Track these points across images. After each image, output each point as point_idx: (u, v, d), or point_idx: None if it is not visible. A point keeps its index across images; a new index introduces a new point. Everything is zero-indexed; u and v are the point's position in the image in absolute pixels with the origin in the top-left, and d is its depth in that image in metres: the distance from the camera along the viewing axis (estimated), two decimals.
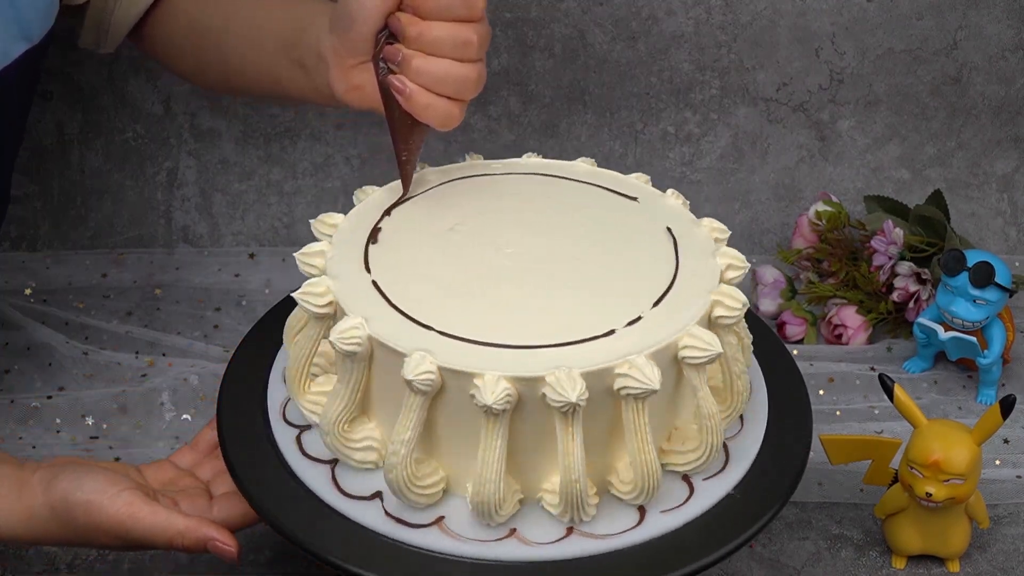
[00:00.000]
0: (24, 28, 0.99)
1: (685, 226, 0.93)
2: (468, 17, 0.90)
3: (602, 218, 0.94)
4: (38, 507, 0.88)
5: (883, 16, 1.37)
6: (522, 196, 0.97)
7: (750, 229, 1.40)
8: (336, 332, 0.83)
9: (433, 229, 0.92)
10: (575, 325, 0.83)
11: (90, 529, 0.88)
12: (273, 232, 1.40)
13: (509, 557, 0.82)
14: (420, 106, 0.90)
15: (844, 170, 1.41)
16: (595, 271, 0.89)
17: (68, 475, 0.88)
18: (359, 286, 0.87)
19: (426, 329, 0.83)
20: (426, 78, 0.90)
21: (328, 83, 0.95)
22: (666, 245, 0.91)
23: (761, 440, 0.91)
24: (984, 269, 1.12)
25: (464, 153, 1.03)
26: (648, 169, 1.40)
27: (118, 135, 1.39)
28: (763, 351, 0.96)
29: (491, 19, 1.36)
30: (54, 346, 1.21)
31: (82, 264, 1.35)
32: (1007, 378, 1.21)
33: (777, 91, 1.39)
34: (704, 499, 0.86)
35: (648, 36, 1.37)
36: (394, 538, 0.83)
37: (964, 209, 1.39)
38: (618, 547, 0.83)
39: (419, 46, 0.89)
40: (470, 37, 0.90)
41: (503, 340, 0.82)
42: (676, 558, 0.83)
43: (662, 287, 0.87)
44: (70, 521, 0.88)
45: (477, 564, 0.82)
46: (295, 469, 0.88)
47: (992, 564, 1.03)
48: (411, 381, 0.80)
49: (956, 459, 0.96)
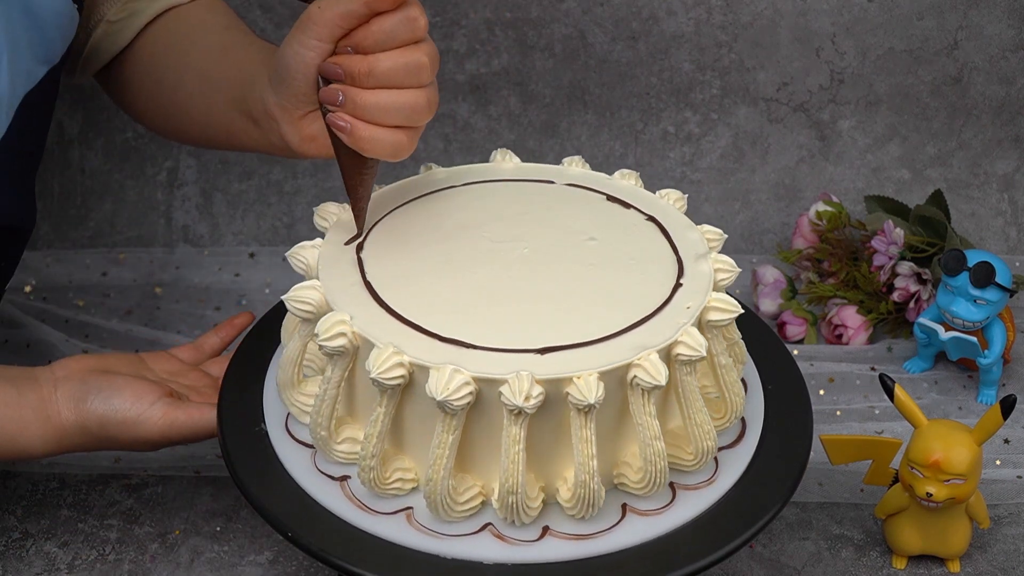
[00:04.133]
0: (47, 49, 1.00)
1: (681, 231, 0.92)
2: (413, 39, 0.86)
3: (598, 224, 0.93)
4: (70, 427, 0.93)
5: (884, 16, 1.37)
6: (518, 202, 0.96)
7: (750, 229, 1.40)
8: (321, 329, 0.83)
9: (427, 231, 0.92)
10: (546, 331, 0.83)
11: (128, 442, 0.94)
12: (273, 232, 1.40)
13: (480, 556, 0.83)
14: (364, 140, 0.87)
15: (844, 170, 1.41)
16: (585, 279, 0.88)
17: (97, 394, 0.93)
18: (348, 285, 0.87)
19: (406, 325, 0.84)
20: (373, 111, 0.86)
21: (281, 136, 0.93)
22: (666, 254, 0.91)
23: (761, 440, 0.91)
24: (984, 269, 1.12)
25: (464, 153, 1.03)
26: (648, 169, 1.40)
27: (118, 135, 1.39)
28: (763, 351, 0.96)
29: (491, 19, 1.37)
30: (54, 344, 1.21)
31: (82, 263, 1.35)
32: (1007, 378, 1.21)
33: (777, 91, 1.39)
34: (705, 498, 0.86)
35: (648, 36, 1.37)
36: (391, 539, 0.83)
37: (964, 209, 1.39)
38: (618, 547, 0.83)
39: (372, 82, 0.86)
40: (420, 60, 0.86)
41: (471, 340, 0.82)
42: (676, 558, 0.83)
43: (655, 304, 0.86)
44: (107, 437, 0.94)
45: None
46: (291, 470, 0.88)
47: (992, 564, 1.03)
48: (375, 379, 0.80)
49: (956, 459, 0.96)
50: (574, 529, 0.84)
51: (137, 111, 1.11)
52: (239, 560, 1.02)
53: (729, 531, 0.84)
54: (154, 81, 1.06)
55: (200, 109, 1.02)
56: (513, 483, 0.81)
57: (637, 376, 0.81)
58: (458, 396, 0.79)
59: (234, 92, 0.98)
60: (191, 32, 1.05)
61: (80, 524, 1.04)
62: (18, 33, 0.96)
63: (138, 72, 1.08)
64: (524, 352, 0.81)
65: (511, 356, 0.81)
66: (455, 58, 1.38)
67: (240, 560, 1.02)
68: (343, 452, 0.87)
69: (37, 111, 1.01)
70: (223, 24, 1.06)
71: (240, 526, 1.04)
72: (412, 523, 0.84)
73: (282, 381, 0.90)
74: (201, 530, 1.04)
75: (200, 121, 1.03)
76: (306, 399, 0.89)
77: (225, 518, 1.05)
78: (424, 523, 0.84)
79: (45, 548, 1.02)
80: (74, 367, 0.95)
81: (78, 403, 0.93)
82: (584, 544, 0.83)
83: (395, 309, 0.85)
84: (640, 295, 0.86)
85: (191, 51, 1.04)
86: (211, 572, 1.01)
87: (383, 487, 0.84)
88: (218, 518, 1.05)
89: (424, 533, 0.83)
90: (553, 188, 0.97)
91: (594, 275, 0.88)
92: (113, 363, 0.97)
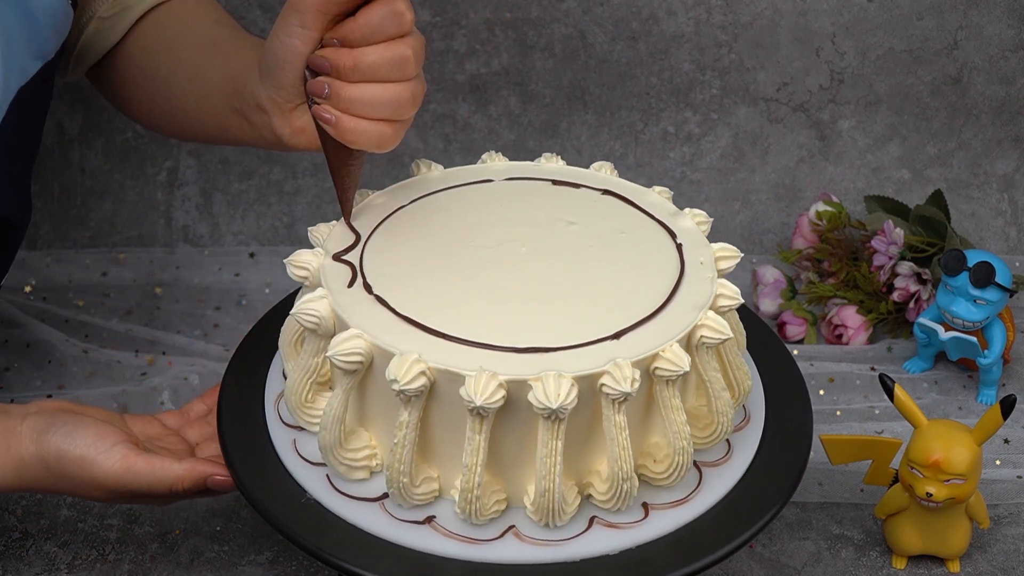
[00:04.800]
0: (42, 45, 1.00)
1: (694, 245, 0.92)
2: (399, 33, 0.87)
3: (611, 229, 0.93)
4: (29, 458, 0.89)
5: (884, 16, 1.37)
6: (532, 203, 0.96)
7: (750, 229, 1.40)
8: (335, 348, 0.82)
9: (433, 234, 0.92)
10: (553, 334, 0.83)
11: (84, 483, 0.89)
12: (273, 232, 1.40)
13: (501, 558, 0.83)
14: (348, 132, 0.88)
15: (844, 170, 1.41)
16: (590, 282, 0.88)
17: (60, 428, 0.89)
18: (354, 295, 0.86)
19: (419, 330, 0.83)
20: (359, 105, 0.87)
21: (272, 130, 0.94)
22: (672, 260, 0.90)
23: (761, 440, 0.91)
24: (984, 269, 1.12)
25: (464, 153, 1.03)
26: (648, 169, 1.40)
27: (118, 135, 1.39)
28: (763, 351, 0.96)
29: (491, 19, 1.37)
30: (54, 344, 1.21)
31: (82, 263, 1.35)
32: (1007, 378, 1.21)
33: (777, 91, 1.39)
34: (706, 498, 0.86)
35: (648, 36, 1.37)
36: (390, 539, 0.84)
37: (964, 209, 1.39)
38: (618, 547, 0.83)
39: (358, 76, 0.87)
40: (405, 53, 0.87)
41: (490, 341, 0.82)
42: (676, 558, 0.83)
43: (653, 306, 0.86)
44: (64, 475, 0.89)
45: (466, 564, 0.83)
46: (291, 470, 0.88)
47: (992, 564, 1.03)
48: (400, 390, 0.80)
49: (956, 459, 0.96)
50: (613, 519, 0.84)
51: (130, 108, 1.11)
52: (239, 560, 1.02)
53: (729, 531, 0.84)
54: (146, 77, 1.06)
55: (192, 104, 1.02)
56: (548, 484, 0.81)
57: (658, 368, 0.81)
58: (493, 400, 0.78)
59: (226, 87, 0.98)
60: (181, 27, 1.06)
61: (80, 524, 1.04)
62: (12, 28, 0.96)
63: (130, 68, 1.08)
64: (549, 351, 0.82)
65: (534, 356, 0.81)
66: (455, 58, 1.38)
67: (240, 560, 1.02)
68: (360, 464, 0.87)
69: (31, 106, 1.01)
70: (212, 19, 1.06)
71: (240, 526, 1.04)
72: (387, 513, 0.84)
73: (293, 405, 0.89)
74: (201, 530, 1.04)
75: (193, 116, 1.03)
76: (319, 413, 0.89)
77: (225, 518, 1.05)
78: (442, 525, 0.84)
79: (45, 548, 1.02)
80: (48, 406, 0.93)
81: (40, 435, 0.89)
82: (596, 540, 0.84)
83: (409, 316, 0.84)
84: (648, 288, 0.87)
85: (182, 46, 1.04)
86: (211, 572, 1.01)
87: (411, 497, 0.84)
88: (218, 518, 1.05)
89: (450, 537, 0.83)
90: (578, 193, 0.97)
91: (599, 271, 0.89)
92: (90, 409, 0.94)
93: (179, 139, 1.25)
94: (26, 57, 0.99)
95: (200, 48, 1.03)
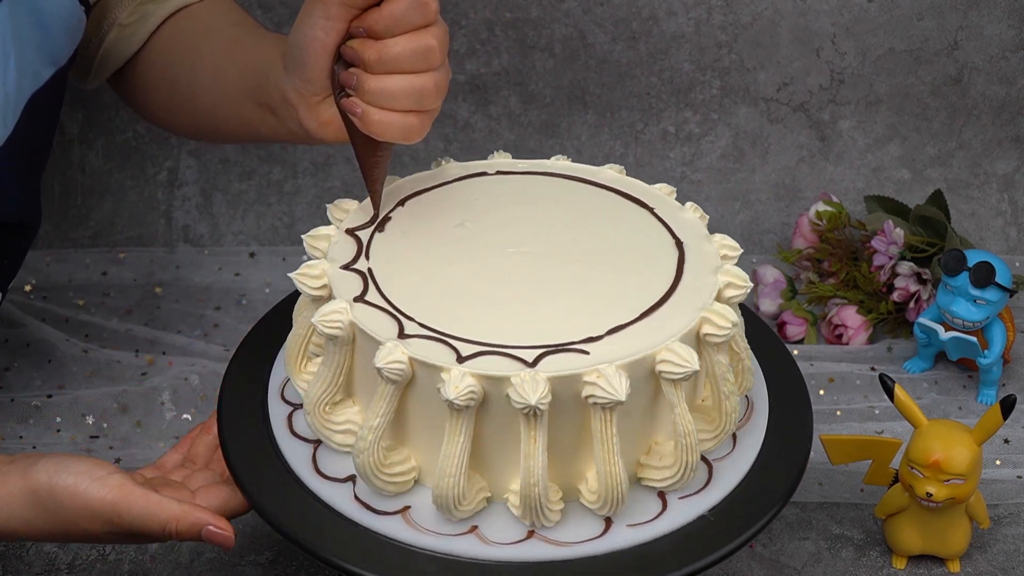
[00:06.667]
0: (54, 50, 1.00)
1: (696, 240, 0.92)
2: (424, 23, 0.86)
3: (613, 225, 0.94)
4: (17, 493, 0.84)
5: (884, 16, 1.37)
6: (539, 198, 0.96)
7: (750, 229, 1.40)
8: (319, 315, 0.84)
9: (441, 223, 0.92)
10: (556, 329, 0.83)
11: (76, 516, 0.84)
12: (273, 232, 1.40)
13: (469, 554, 0.83)
14: (375, 124, 0.88)
15: (844, 170, 1.41)
16: (592, 277, 0.88)
17: (50, 460, 0.85)
18: (353, 272, 0.88)
19: (407, 320, 0.84)
20: (383, 97, 0.87)
21: (299, 123, 0.94)
22: (671, 257, 0.90)
23: (761, 440, 0.91)
24: (984, 269, 1.12)
25: (464, 153, 1.03)
26: (648, 169, 1.40)
27: (119, 134, 1.39)
28: (763, 351, 0.96)
29: (491, 19, 1.37)
30: (54, 343, 1.21)
31: (82, 262, 1.35)
32: (1007, 378, 1.21)
33: (778, 91, 1.39)
34: (705, 498, 0.86)
35: (648, 36, 1.37)
36: (364, 525, 0.84)
37: (964, 209, 1.39)
38: (618, 547, 0.83)
39: (382, 68, 0.86)
40: (430, 43, 0.86)
41: (480, 338, 0.82)
42: (676, 558, 0.83)
43: (654, 298, 0.86)
44: (54, 508, 0.84)
45: (435, 557, 0.82)
46: (292, 469, 0.88)
47: (992, 564, 1.03)
48: (381, 369, 0.80)
49: (956, 459, 0.96)
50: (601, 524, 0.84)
51: (152, 112, 1.11)
52: (239, 560, 1.02)
53: (729, 531, 0.84)
54: (168, 81, 1.06)
55: (216, 102, 1.02)
56: (536, 481, 0.81)
57: (663, 371, 0.81)
58: (464, 396, 0.79)
59: (249, 83, 0.98)
60: (202, 29, 1.05)
61: None
62: (25, 34, 0.96)
63: (152, 73, 1.08)
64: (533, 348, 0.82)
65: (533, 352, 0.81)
66: (455, 58, 1.38)
67: (240, 560, 1.02)
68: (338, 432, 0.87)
69: (44, 112, 1.01)
70: (233, 20, 1.06)
71: (240, 526, 1.04)
72: (412, 523, 0.84)
73: (289, 359, 0.91)
74: None
75: (217, 114, 1.03)
76: (309, 378, 0.89)
77: None
78: (422, 523, 0.84)
79: (45, 548, 1.02)
80: (40, 452, 0.88)
81: (28, 468, 0.85)
82: (592, 543, 0.83)
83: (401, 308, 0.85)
84: (649, 282, 0.87)
85: (203, 48, 1.04)
86: (211, 572, 1.01)
87: (381, 479, 0.84)
88: None
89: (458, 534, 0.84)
90: (582, 188, 0.97)
91: (602, 268, 0.89)
92: (84, 457, 0.88)
93: (205, 140, 1.24)
94: (39, 63, 0.99)
95: (221, 47, 1.03)
